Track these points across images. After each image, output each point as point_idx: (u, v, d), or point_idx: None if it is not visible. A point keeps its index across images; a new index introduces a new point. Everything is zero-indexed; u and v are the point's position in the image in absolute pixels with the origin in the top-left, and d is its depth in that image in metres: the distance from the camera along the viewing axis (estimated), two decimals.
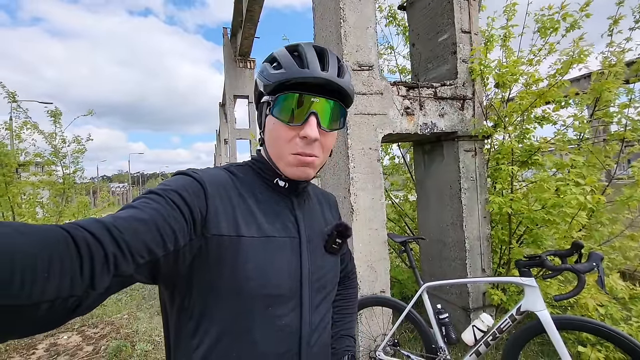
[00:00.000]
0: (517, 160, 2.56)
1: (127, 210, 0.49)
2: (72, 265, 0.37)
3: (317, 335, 0.66)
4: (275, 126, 0.62)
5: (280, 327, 0.60)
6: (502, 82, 2.54)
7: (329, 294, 0.71)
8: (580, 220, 2.08)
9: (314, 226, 0.71)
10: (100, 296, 0.41)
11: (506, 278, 1.89)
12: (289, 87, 0.61)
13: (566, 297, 1.56)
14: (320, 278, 0.68)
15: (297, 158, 0.61)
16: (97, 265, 0.39)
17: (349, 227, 0.74)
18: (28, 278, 0.33)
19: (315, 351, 0.65)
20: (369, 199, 2.35)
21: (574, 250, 1.63)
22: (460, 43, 2.69)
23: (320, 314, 0.68)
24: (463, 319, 2.65)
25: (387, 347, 2.12)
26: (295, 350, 0.62)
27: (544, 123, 2.55)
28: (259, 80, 0.65)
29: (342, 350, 0.85)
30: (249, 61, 15.72)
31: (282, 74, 0.60)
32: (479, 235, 2.65)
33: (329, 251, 0.71)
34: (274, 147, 0.64)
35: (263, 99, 0.65)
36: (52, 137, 5.65)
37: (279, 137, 0.62)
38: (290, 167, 0.63)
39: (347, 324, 0.90)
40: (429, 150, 2.97)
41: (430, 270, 3.04)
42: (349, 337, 0.89)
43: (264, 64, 0.66)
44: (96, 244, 0.40)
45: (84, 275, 0.38)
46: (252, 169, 0.69)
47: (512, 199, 2.43)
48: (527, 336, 1.73)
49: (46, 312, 0.35)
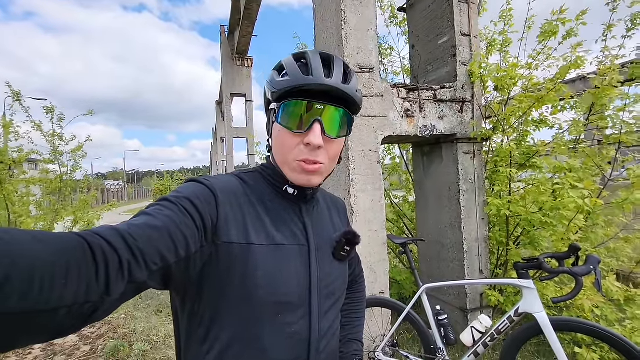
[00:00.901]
0: (516, 163, 2.58)
1: (141, 218, 0.50)
2: (89, 271, 0.38)
3: (326, 342, 0.67)
4: (281, 133, 0.63)
5: (290, 335, 0.61)
6: (500, 86, 2.56)
7: (337, 300, 0.72)
8: (577, 223, 2.11)
9: (323, 233, 0.72)
10: (116, 302, 0.42)
11: (504, 280, 1.91)
12: (295, 95, 0.61)
13: (564, 299, 1.58)
14: (328, 285, 0.68)
15: (301, 165, 0.62)
16: (112, 272, 0.40)
17: (357, 235, 0.74)
18: (47, 284, 0.34)
19: (323, 358, 0.66)
20: (369, 200, 2.37)
21: (571, 253, 1.66)
22: (460, 46, 2.71)
23: (329, 320, 0.68)
24: (461, 320, 2.68)
25: (386, 347, 2.13)
26: (304, 357, 0.63)
27: (542, 126, 2.58)
28: (267, 88, 0.66)
29: (351, 354, 0.87)
30: (246, 59, 15.64)
31: (287, 81, 0.61)
32: (477, 236, 2.68)
33: (337, 258, 0.72)
34: (280, 154, 0.65)
35: (270, 106, 0.66)
36: (52, 136, 5.60)
37: (284, 144, 0.63)
38: (294, 174, 0.64)
39: (355, 328, 0.91)
40: (428, 152, 2.99)
41: (428, 271, 3.06)
42: (357, 342, 0.90)
43: (272, 72, 0.67)
44: (111, 251, 0.41)
45: (99, 282, 0.39)
46: (262, 176, 0.70)
47: (510, 201, 2.46)
48: (525, 337, 1.76)
49: (64, 318, 0.36)
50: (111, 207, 6.31)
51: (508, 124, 2.56)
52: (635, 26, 2.47)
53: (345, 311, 0.89)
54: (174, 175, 29.24)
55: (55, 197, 5.41)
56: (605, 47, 2.47)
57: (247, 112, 15.92)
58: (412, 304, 2.04)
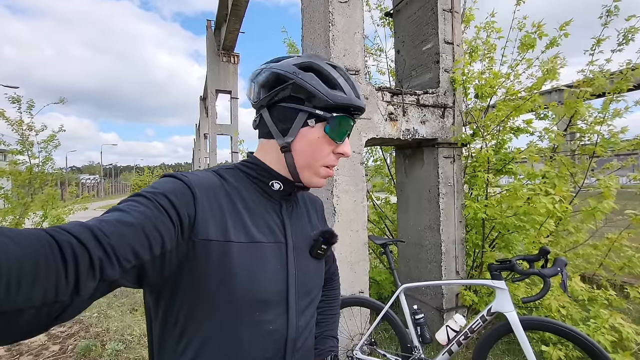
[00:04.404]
0: (493, 169, 2.69)
1: (114, 214, 0.49)
2: (57, 270, 0.37)
3: (303, 339, 0.68)
4: (320, 140, 0.66)
5: (268, 332, 0.62)
6: (480, 94, 2.66)
7: (314, 298, 0.73)
8: (548, 227, 2.22)
9: (301, 231, 0.73)
10: (86, 301, 0.41)
11: (479, 281, 1.99)
12: (340, 110, 0.66)
13: (533, 299, 1.66)
14: (306, 283, 0.69)
15: (327, 170, 0.69)
16: (82, 270, 0.39)
17: (334, 234, 0.76)
18: (13, 284, 0.33)
19: (300, 355, 0.67)
20: (351, 201, 2.40)
21: (541, 256, 1.74)
22: (443, 53, 2.79)
23: (306, 318, 0.70)
24: (437, 319, 2.75)
25: (364, 346, 2.17)
26: (281, 355, 0.64)
27: (519, 134, 2.70)
28: (307, 88, 0.63)
29: (326, 350, 0.88)
30: (232, 56, 15.45)
31: (343, 97, 0.64)
32: (455, 239, 2.77)
33: (314, 256, 0.73)
34: (307, 157, 0.66)
35: (307, 108, 0.64)
36: (20, 125, 5.29)
37: (319, 151, 0.66)
38: (316, 177, 0.69)
39: (330, 324, 0.92)
40: (409, 155, 3.06)
41: (407, 271, 3.13)
42: (332, 338, 0.91)
43: (309, 74, 0.64)
44: (81, 248, 0.40)
45: (68, 281, 0.38)
46: (243, 172, 0.69)
47: (486, 205, 2.55)
48: (497, 336, 1.83)
49: (31, 319, 0.35)
50: (84, 201, 6.04)
51: (487, 130, 2.66)
52: (627, 41, 2.47)
53: (320, 308, 0.90)
54: (154, 170, 28.39)
55: (24, 190, 5.14)
56: (591, 61, 2.52)
57: (231, 109, 15.72)
58: (390, 303, 2.08)
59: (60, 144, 5.59)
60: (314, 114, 0.64)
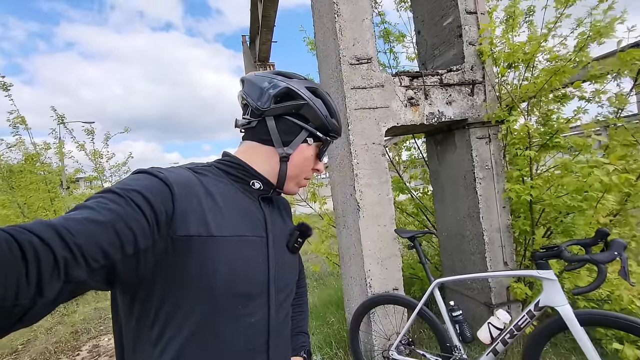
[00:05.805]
0: (537, 144, 2.37)
1: (81, 211, 0.46)
2: (17, 271, 0.35)
3: (283, 330, 0.71)
4: (312, 157, 0.75)
5: (250, 324, 0.62)
6: (512, 62, 2.36)
7: (291, 291, 0.76)
8: (607, 205, 1.87)
9: (278, 226, 0.74)
10: (50, 304, 0.39)
11: (521, 271, 1.76)
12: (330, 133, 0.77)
13: (586, 290, 1.42)
14: (284, 276, 0.71)
15: (306, 182, 0.78)
16: (45, 271, 0.37)
17: (310, 228, 0.78)
18: None
19: (281, 344, 0.69)
20: (376, 194, 2.30)
21: (599, 239, 1.48)
22: (465, 25, 2.54)
23: (285, 310, 0.72)
24: (486, 316, 2.50)
25: (400, 346, 2.05)
26: (264, 347, 0.65)
27: (565, 101, 2.34)
28: (315, 112, 0.72)
29: (299, 346, 0.90)
30: (268, 66, 15.94)
31: (334, 125, 0.75)
32: (499, 226, 2.50)
33: (290, 250, 0.75)
34: (298, 170, 0.74)
35: (310, 128, 0.72)
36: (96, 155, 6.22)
37: (308, 166, 0.76)
38: (296, 187, 0.77)
39: (300, 321, 0.94)
40: (440, 140, 2.84)
41: (450, 265, 2.91)
42: (304, 334, 0.94)
43: (318, 100, 0.73)
44: (44, 248, 0.38)
45: (30, 282, 0.36)
46: (222, 170, 0.69)
47: (532, 187, 2.25)
48: (548, 333, 1.60)
49: None
50: None
51: (524, 100, 2.34)
52: None
53: (291, 305, 0.89)
54: None
55: None
56: None
57: None
58: (424, 300, 1.94)
59: (130, 169, 6.56)
60: (316, 135, 0.73)
